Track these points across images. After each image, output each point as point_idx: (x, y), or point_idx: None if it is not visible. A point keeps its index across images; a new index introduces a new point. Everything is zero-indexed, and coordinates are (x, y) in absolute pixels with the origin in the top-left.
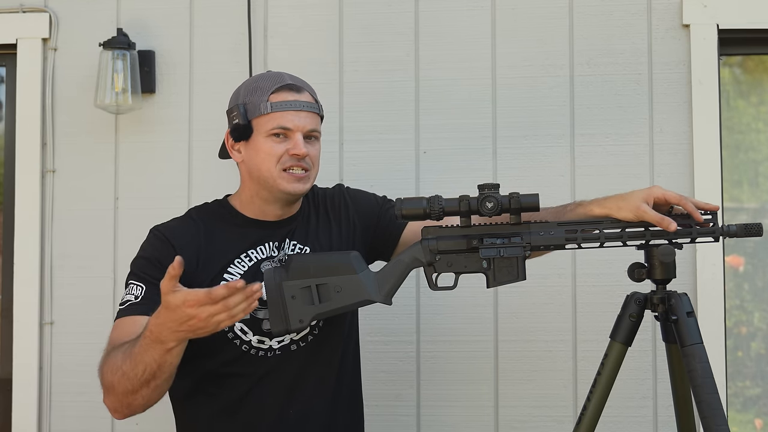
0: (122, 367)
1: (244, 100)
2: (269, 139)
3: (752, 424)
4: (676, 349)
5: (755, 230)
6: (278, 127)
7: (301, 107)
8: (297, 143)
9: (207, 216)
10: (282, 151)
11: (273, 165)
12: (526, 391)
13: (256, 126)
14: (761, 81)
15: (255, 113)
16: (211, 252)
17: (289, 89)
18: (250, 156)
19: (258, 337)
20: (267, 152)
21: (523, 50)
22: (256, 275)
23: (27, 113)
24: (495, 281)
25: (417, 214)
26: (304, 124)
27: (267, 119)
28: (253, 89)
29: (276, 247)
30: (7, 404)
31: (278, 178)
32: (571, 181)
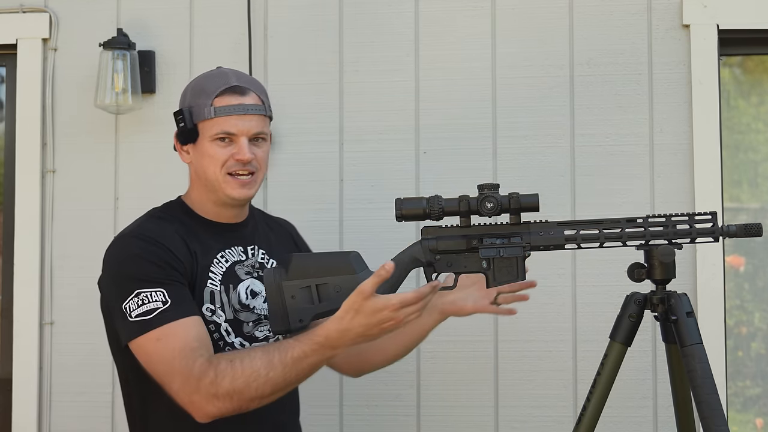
0: (268, 374)
1: (190, 103)
2: (214, 143)
3: (752, 423)
4: (676, 350)
5: (755, 230)
6: (222, 132)
7: (246, 111)
8: (242, 148)
9: (174, 216)
10: (227, 155)
11: (218, 169)
12: (526, 391)
13: (202, 130)
14: (761, 81)
15: (200, 117)
16: (195, 248)
17: (233, 92)
18: (197, 159)
19: (240, 339)
20: (212, 156)
21: (523, 50)
22: (232, 279)
23: (27, 113)
24: (495, 281)
25: (417, 214)
26: (248, 127)
27: (211, 124)
28: (198, 91)
29: (242, 252)
30: (7, 404)
31: (223, 182)
32: (571, 181)
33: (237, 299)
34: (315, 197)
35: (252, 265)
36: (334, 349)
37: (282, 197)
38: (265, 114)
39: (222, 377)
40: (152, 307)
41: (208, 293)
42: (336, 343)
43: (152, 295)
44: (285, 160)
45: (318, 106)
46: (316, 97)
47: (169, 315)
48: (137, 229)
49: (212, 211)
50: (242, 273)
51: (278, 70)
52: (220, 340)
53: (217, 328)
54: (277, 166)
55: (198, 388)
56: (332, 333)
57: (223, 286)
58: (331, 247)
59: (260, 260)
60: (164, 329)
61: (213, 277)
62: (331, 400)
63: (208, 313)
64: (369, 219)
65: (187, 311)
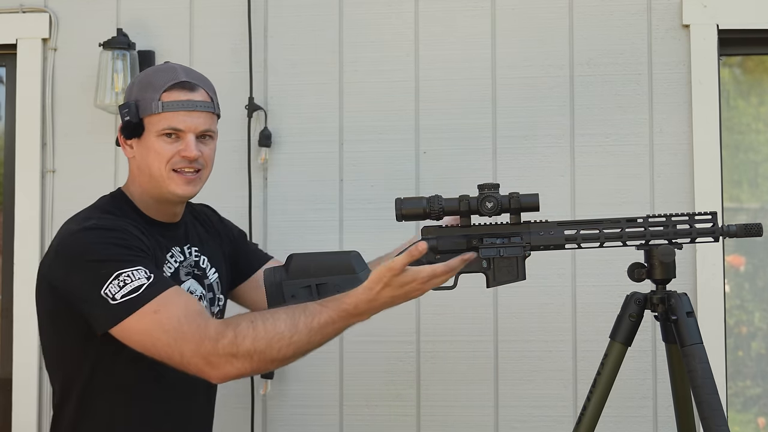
0: (291, 337)
1: (136, 96)
2: (160, 139)
3: (753, 423)
4: (676, 349)
5: (755, 230)
6: (169, 127)
7: (194, 107)
8: (188, 145)
9: (122, 212)
10: (173, 152)
11: (163, 165)
12: (526, 391)
13: (148, 124)
14: (761, 81)
15: (146, 111)
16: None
17: (182, 87)
18: (142, 154)
19: None
20: (158, 152)
21: (523, 50)
22: (176, 281)
23: (27, 113)
24: (495, 281)
25: (417, 214)
26: (196, 124)
27: (158, 119)
28: (145, 85)
29: (180, 252)
30: (7, 404)
31: (167, 179)
32: (571, 181)
33: None
34: (315, 197)
35: (190, 264)
36: (360, 316)
37: (282, 197)
38: (213, 111)
39: (243, 337)
40: (138, 284)
41: None
42: (363, 312)
43: (133, 273)
44: (285, 160)
45: (318, 106)
46: (316, 97)
47: (158, 287)
48: (89, 221)
49: (153, 208)
50: (183, 274)
51: (278, 70)
52: None
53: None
54: (277, 166)
55: (215, 348)
56: (361, 303)
57: None
58: (331, 247)
59: (195, 259)
60: (159, 301)
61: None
62: (331, 400)
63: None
64: (369, 219)
65: (168, 283)
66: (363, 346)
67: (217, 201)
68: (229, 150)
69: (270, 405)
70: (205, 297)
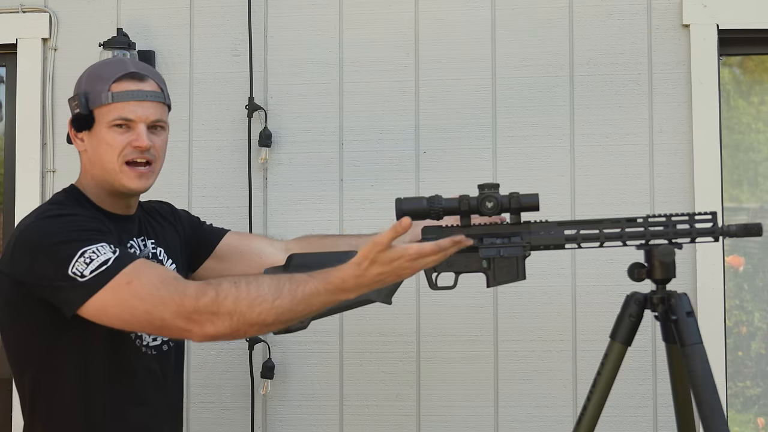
0: (274, 301)
1: (86, 88)
2: (111, 130)
3: (752, 423)
4: (676, 349)
5: (755, 230)
6: (119, 118)
7: (145, 97)
8: (140, 135)
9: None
10: (124, 142)
11: (115, 157)
12: (526, 391)
13: (98, 116)
14: (761, 81)
15: (96, 103)
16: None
17: (131, 78)
18: (93, 147)
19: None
20: (109, 144)
21: (523, 50)
22: None
23: (27, 113)
24: (495, 281)
25: (417, 214)
26: (147, 114)
27: (108, 109)
28: (94, 77)
29: (137, 244)
30: (7, 404)
31: (120, 172)
32: (571, 181)
33: None
34: (315, 197)
35: (146, 256)
36: (347, 292)
37: (282, 197)
38: (164, 101)
39: (224, 296)
40: (104, 258)
41: None
42: (351, 288)
43: (98, 249)
44: (285, 160)
45: (318, 106)
46: (316, 97)
47: (126, 259)
48: (44, 212)
49: (107, 201)
50: None
51: (278, 70)
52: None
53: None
54: (277, 166)
55: (196, 306)
56: (348, 278)
57: None
58: None
59: (152, 251)
60: (130, 271)
61: None
62: (331, 400)
63: None
64: (369, 219)
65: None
66: (363, 346)
67: (217, 201)
68: (229, 150)
69: (270, 405)
70: None
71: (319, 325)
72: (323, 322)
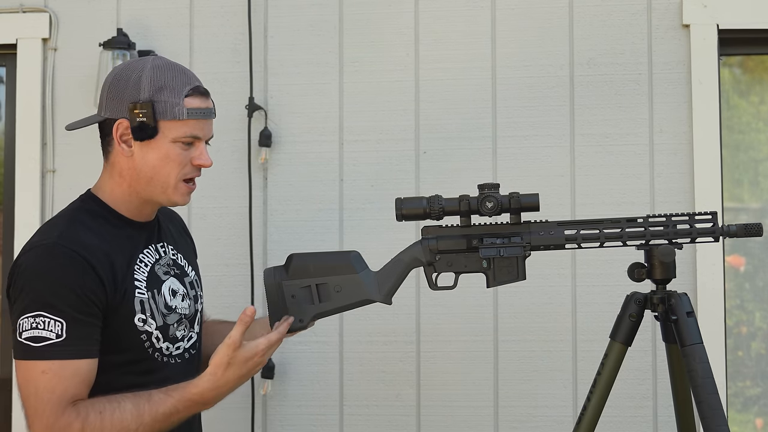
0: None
1: (151, 97)
2: (176, 145)
3: (752, 423)
4: (676, 349)
5: (755, 230)
6: (191, 135)
7: (210, 115)
8: (203, 153)
9: (92, 217)
10: (187, 159)
11: (175, 172)
12: (526, 391)
13: (164, 129)
14: (761, 81)
15: (166, 116)
16: (119, 262)
17: (200, 94)
18: (147, 157)
19: (167, 343)
20: (171, 159)
21: (523, 50)
22: (155, 282)
23: (27, 113)
24: (495, 281)
25: (417, 214)
26: (210, 132)
27: (180, 125)
28: (160, 87)
29: (155, 251)
30: (7, 404)
31: (174, 187)
32: (571, 181)
33: (163, 303)
34: (315, 197)
35: (167, 263)
36: (207, 404)
37: (282, 197)
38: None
39: (90, 430)
40: (44, 335)
41: (138, 303)
42: (210, 400)
43: (50, 323)
44: (285, 160)
45: (318, 106)
46: (316, 97)
47: (61, 351)
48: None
49: (133, 209)
50: (161, 273)
51: (278, 70)
52: (150, 347)
53: (148, 336)
54: (277, 166)
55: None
56: (206, 391)
57: (150, 292)
58: (331, 247)
59: (172, 257)
60: (51, 365)
61: (138, 285)
62: (331, 400)
63: (140, 323)
64: (369, 219)
65: (83, 352)
66: (363, 346)
67: (217, 201)
68: (229, 150)
69: (270, 405)
70: (188, 295)
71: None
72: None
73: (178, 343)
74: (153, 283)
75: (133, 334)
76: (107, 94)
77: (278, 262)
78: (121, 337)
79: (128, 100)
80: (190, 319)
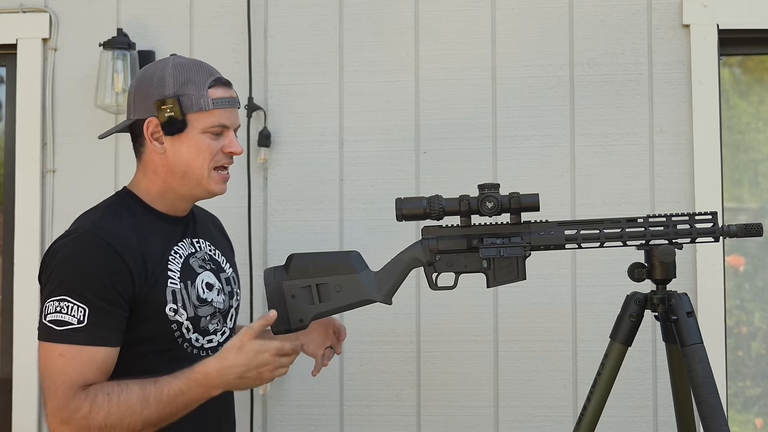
0: (142, 411)
1: (177, 92)
2: (205, 135)
3: (752, 423)
4: (676, 349)
5: (755, 230)
6: (218, 124)
7: (236, 104)
8: (233, 141)
9: (129, 211)
10: (217, 148)
11: (207, 162)
12: (526, 391)
13: (192, 121)
14: (761, 81)
15: (193, 108)
16: (151, 253)
17: (223, 84)
18: (179, 150)
19: (197, 334)
20: (202, 149)
21: (523, 50)
22: (190, 274)
23: (27, 113)
24: (495, 281)
25: (417, 214)
26: (237, 121)
27: (207, 116)
28: (185, 81)
29: (190, 244)
30: (7, 404)
31: (208, 177)
32: (571, 181)
33: (196, 295)
34: (315, 197)
35: (203, 257)
36: (210, 387)
37: (282, 197)
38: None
39: (97, 411)
40: (66, 320)
41: (170, 292)
42: (214, 382)
43: (73, 308)
44: (285, 160)
45: (318, 106)
46: (316, 97)
47: (80, 337)
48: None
49: (168, 205)
50: (196, 266)
51: (278, 70)
52: (180, 337)
53: (179, 326)
54: (277, 166)
55: (69, 419)
56: (211, 371)
57: (183, 283)
58: (331, 247)
59: (208, 252)
60: (69, 348)
61: (172, 275)
62: (331, 400)
63: (171, 312)
64: (369, 219)
65: (101, 339)
66: (363, 346)
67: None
68: None
69: (270, 405)
70: (224, 290)
71: None
72: None
73: (210, 336)
74: (187, 274)
75: (164, 323)
76: (133, 96)
77: (278, 262)
78: (152, 326)
79: (154, 98)
80: (224, 313)
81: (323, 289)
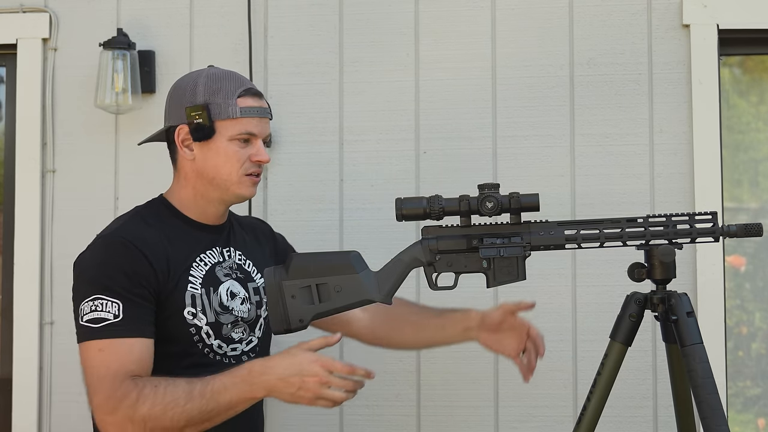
0: (185, 405)
1: (206, 100)
2: (233, 143)
3: (753, 424)
4: (676, 349)
5: (755, 230)
6: (246, 132)
7: (265, 114)
8: (260, 150)
9: (157, 217)
10: (245, 156)
11: (236, 169)
12: (526, 391)
13: (220, 128)
14: (761, 81)
15: (221, 116)
16: (175, 256)
17: (253, 94)
18: (207, 157)
19: (219, 341)
20: (231, 156)
21: (523, 50)
22: (213, 281)
23: (27, 113)
24: (495, 281)
25: (417, 214)
26: (265, 130)
27: (234, 123)
28: (215, 90)
29: (220, 253)
30: (7, 404)
31: (238, 182)
32: (571, 181)
33: (218, 302)
34: (315, 197)
35: (230, 266)
36: (253, 386)
37: (282, 197)
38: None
39: (143, 401)
40: (103, 316)
41: (189, 296)
42: (257, 379)
43: (108, 304)
44: (285, 160)
45: (318, 106)
46: (316, 97)
47: (117, 330)
48: (119, 230)
49: (200, 212)
50: (221, 275)
51: (278, 70)
52: (200, 342)
53: (197, 331)
54: (277, 166)
55: (116, 408)
56: (256, 366)
57: (204, 288)
58: (331, 247)
59: (237, 261)
60: (108, 343)
61: (193, 280)
62: None
63: (189, 316)
64: (369, 219)
65: (137, 331)
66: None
67: None
68: None
69: (270, 405)
70: (250, 299)
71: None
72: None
73: (234, 344)
74: (210, 281)
75: (182, 326)
76: (168, 104)
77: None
78: (170, 328)
79: (185, 105)
80: (251, 323)
81: (323, 289)
